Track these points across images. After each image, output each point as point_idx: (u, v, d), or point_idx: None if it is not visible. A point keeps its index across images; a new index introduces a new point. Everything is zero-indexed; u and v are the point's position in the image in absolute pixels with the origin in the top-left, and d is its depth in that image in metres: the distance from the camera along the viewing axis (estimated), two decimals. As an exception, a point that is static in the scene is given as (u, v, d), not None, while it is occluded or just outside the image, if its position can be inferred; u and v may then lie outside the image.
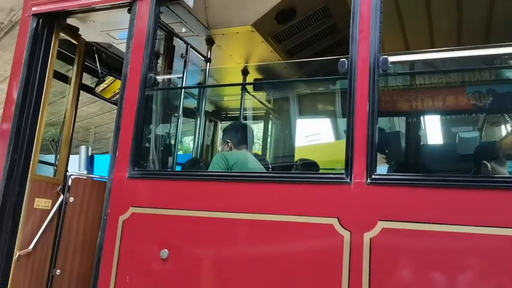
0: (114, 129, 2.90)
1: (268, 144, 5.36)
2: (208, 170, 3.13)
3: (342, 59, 2.47)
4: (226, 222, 2.51)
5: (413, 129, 4.09)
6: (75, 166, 8.55)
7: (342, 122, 5.22)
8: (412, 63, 4.31)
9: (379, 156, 2.94)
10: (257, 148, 6.35)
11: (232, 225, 2.50)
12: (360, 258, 2.18)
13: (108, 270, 2.67)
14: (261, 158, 3.87)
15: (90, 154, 10.17)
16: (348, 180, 2.30)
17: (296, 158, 4.95)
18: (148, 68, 2.89)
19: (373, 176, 2.27)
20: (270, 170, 3.89)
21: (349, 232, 2.25)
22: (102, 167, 8.88)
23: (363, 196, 2.28)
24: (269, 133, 5.38)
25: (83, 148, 9.95)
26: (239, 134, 3.35)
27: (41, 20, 3.36)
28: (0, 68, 9.55)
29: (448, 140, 4.38)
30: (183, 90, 3.75)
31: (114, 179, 2.80)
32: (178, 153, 4.01)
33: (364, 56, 2.42)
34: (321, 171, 4.33)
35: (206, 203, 2.58)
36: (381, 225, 2.22)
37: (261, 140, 5.74)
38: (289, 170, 4.42)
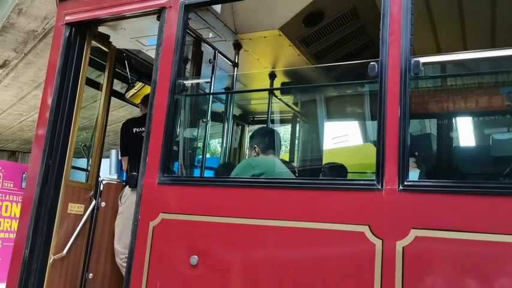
0: (145, 136, 2.93)
1: (296, 147, 5.34)
2: (232, 175, 3.13)
3: (372, 62, 2.43)
4: (256, 229, 2.50)
5: (445, 131, 4.00)
6: (106, 170, 8.75)
7: (371, 125, 5.15)
8: (443, 65, 4.23)
9: (410, 160, 2.87)
10: (284, 151, 6.33)
11: (262, 232, 2.49)
12: (393, 267, 2.14)
13: (139, 276, 2.70)
14: (288, 164, 3.84)
15: (120, 158, 10.33)
16: (379, 186, 2.26)
17: (324, 161, 4.92)
18: (177, 75, 2.92)
19: (405, 183, 2.22)
20: (297, 174, 3.85)
21: (380, 240, 2.21)
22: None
23: (395, 203, 2.23)
24: (297, 136, 5.36)
25: (113, 152, 10.07)
26: (266, 139, 3.34)
27: (73, 29, 3.44)
28: (34, 74, 9.87)
29: (481, 142, 4.26)
30: (211, 96, 3.76)
31: (144, 185, 2.84)
32: (206, 156, 4.04)
33: (395, 59, 2.37)
34: (349, 175, 4.30)
35: (235, 209, 2.59)
36: (414, 233, 2.16)
37: (289, 143, 5.72)
38: (317, 173, 4.38)
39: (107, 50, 3.84)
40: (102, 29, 3.61)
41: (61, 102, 3.39)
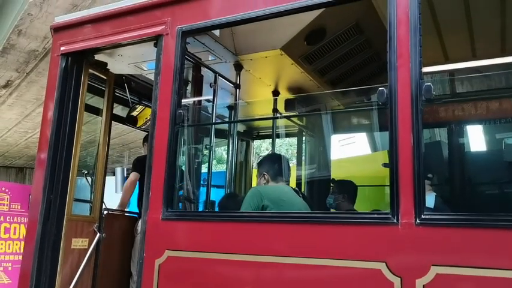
0: (146, 169, 2.83)
1: (303, 161, 5.22)
2: (242, 206, 3.01)
3: (380, 88, 2.31)
4: (267, 266, 2.39)
5: (456, 140, 3.84)
6: (112, 187, 8.69)
7: (378, 136, 5.02)
8: (452, 73, 4.11)
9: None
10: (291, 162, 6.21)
11: (273, 270, 2.37)
12: (413, 308, 2.01)
13: (146, 318, 2.60)
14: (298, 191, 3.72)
15: (125, 175, 10.28)
16: (395, 220, 2.13)
17: (333, 173, 4.80)
18: (177, 104, 2.81)
19: (422, 216, 2.09)
20: (307, 199, 3.71)
21: (399, 278, 2.08)
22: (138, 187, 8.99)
23: (413, 238, 2.10)
24: (303, 149, 5.25)
25: (118, 170, 10.09)
26: (275, 166, 3.23)
27: (70, 59, 3.36)
28: (37, 92, 9.86)
29: (499, 163, 4.08)
30: (213, 119, 3.66)
31: (148, 220, 2.73)
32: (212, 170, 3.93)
33: (405, 84, 2.24)
34: (360, 189, 4.18)
35: (244, 246, 2.47)
36: (434, 270, 2.03)
37: (295, 156, 5.61)
38: (326, 191, 4.25)
39: (104, 78, 3.75)
40: (98, 56, 3.52)
41: (60, 134, 3.30)
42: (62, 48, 3.33)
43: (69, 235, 3.23)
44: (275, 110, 4.30)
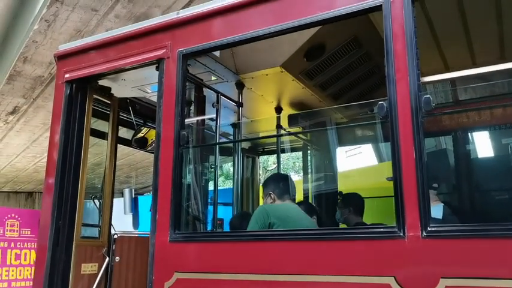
0: (152, 191, 2.85)
1: (309, 174, 5.22)
2: (249, 224, 3.02)
3: (380, 102, 2.33)
4: (277, 285, 2.38)
5: (465, 156, 3.83)
6: (120, 208, 8.75)
7: (383, 146, 5.02)
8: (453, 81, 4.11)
9: (431, 194, 2.73)
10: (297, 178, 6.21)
11: (282, 288, 2.37)
12: (424, 323, 1.99)
13: None
14: (305, 205, 3.71)
15: (133, 196, 10.33)
16: (401, 234, 2.13)
17: (339, 185, 4.79)
18: (181, 126, 2.84)
19: (428, 228, 2.09)
20: (315, 213, 3.71)
21: (408, 292, 2.07)
22: (147, 208, 9.04)
23: (420, 251, 2.10)
24: (308, 163, 5.25)
25: (126, 191, 10.14)
26: (281, 185, 3.24)
27: (74, 85, 3.41)
28: (44, 117, 9.97)
29: (506, 169, 4.06)
30: (217, 139, 3.69)
31: (156, 243, 2.74)
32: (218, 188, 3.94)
33: (404, 97, 2.26)
34: (366, 201, 4.16)
35: (251, 265, 2.47)
36: (443, 283, 2.02)
37: (302, 170, 5.62)
38: (333, 204, 4.24)
39: (109, 102, 3.80)
40: (102, 81, 3.58)
41: (67, 159, 3.34)
42: (66, 75, 3.39)
43: (78, 260, 3.25)
44: (279, 126, 4.33)
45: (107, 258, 3.43)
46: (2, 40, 8.21)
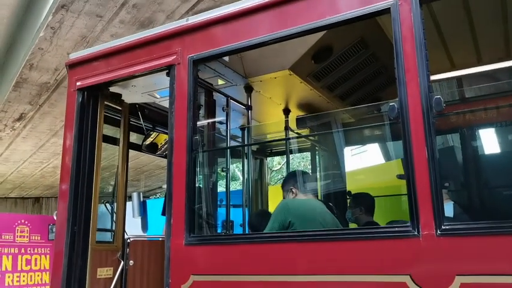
0: (167, 196, 2.90)
1: (317, 175, 5.25)
2: (270, 219, 3.07)
3: (391, 104, 2.36)
4: (293, 286, 2.42)
5: (474, 153, 3.86)
6: (129, 212, 8.79)
7: (391, 145, 5.05)
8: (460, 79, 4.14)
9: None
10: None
11: (298, 289, 2.41)
12: (441, 320, 2.03)
13: None
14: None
15: (142, 200, 10.38)
16: (416, 232, 2.17)
17: (348, 185, 4.82)
18: (193, 131, 2.88)
19: (442, 227, 2.12)
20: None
21: (424, 290, 2.11)
22: (155, 211, 9.09)
23: (434, 249, 2.13)
24: (317, 164, 5.29)
25: (135, 195, 10.20)
26: (302, 179, 3.27)
27: (85, 93, 3.46)
28: (51, 123, 10.04)
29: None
30: (228, 142, 3.73)
31: (171, 247, 2.79)
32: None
33: (415, 98, 2.29)
34: (377, 199, 4.19)
35: (266, 266, 2.51)
36: (459, 280, 2.06)
37: (310, 171, 5.64)
38: (343, 204, 4.28)
39: (120, 108, 3.85)
40: (113, 88, 3.62)
41: (80, 165, 3.39)
42: (78, 83, 3.44)
43: (94, 265, 3.30)
44: (287, 128, 4.36)
45: (122, 262, 3.47)
46: (8, 48, 8.28)
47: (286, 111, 4.29)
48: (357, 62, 3.75)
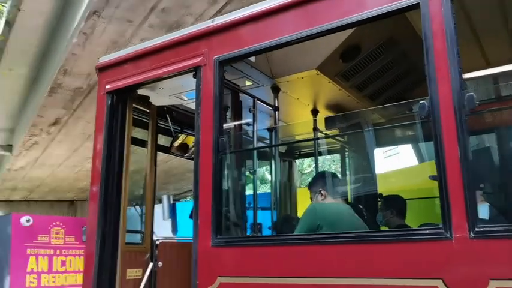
0: (193, 197, 2.90)
1: (347, 177, 5.17)
2: (299, 223, 3.03)
3: (421, 102, 2.29)
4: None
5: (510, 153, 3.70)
6: (159, 214, 8.94)
7: (424, 146, 4.91)
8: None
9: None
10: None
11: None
12: (476, 326, 1.94)
13: None
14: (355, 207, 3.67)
15: (172, 202, 10.51)
16: (448, 235, 2.09)
17: (379, 187, 4.71)
18: (219, 132, 2.88)
19: (476, 229, 2.03)
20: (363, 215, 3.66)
21: (458, 295, 2.02)
22: (184, 214, 9.19)
23: (468, 252, 2.04)
24: (346, 166, 5.20)
25: (165, 197, 10.33)
26: (331, 182, 3.22)
27: (114, 96, 3.51)
28: (84, 127, 10.31)
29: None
30: (255, 144, 3.71)
31: (198, 248, 2.79)
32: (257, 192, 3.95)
33: (446, 96, 2.21)
34: (408, 202, 4.09)
35: (295, 268, 2.47)
36: (493, 284, 1.96)
37: (339, 173, 5.56)
38: (373, 207, 4.18)
39: (148, 110, 3.90)
40: (141, 90, 3.67)
41: (110, 167, 3.44)
42: (107, 86, 3.50)
43: (124, 266, 3.34)
44: (315, 129, 4.31)
45: (151, 264, 3.50)
46: (43, 54, 8.55)
47: (315, 112, 4.25)
48: (386, 60, 3.67)
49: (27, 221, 7.24)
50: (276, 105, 3.85)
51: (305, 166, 16.83)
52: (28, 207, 17.09)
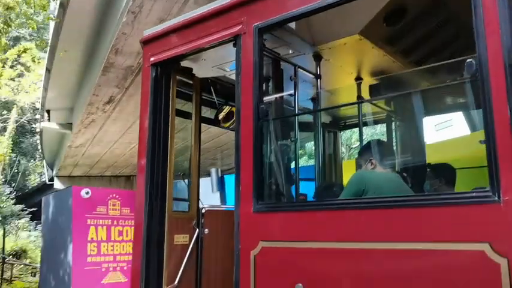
0: (235, 164, 2.94)
1: (394, 147, 5.02)
2: (344, 190, 3.01)
3: (468, 60, 2.17)
4: (364, 253, 2.36)
5: None
6: (208, 187, 9.14)
7: (475, 114, 4.66)
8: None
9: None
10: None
11: (370, 256, 2.34)
12: (525, 290, 1.86)
13: (246, 307, 2.70)
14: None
15: (220, 175, 10.71)
16: (496, 198, 1.99)
17: (428, 157, 4.55)
18: (259, 100, 2.88)
19: (526, 192, 1.93)
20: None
21: (505, 259, 1.94)
22: (233, 186, 9.32)
23: (517, 216, 1.95)
24: (393, 136, 5.04)
25: (213, 170, 10.55)
26: (382, 151, 3.14)
27: (159, 68, 3.59)
28: (136, 105, 10.53)
29: None
30: (296, 112, 3.68)
31: (240, 214, 2.84)
32: (301, 165, 3.92)
33: (496, 53, 2.08)
34: (459, 172, 3.92)
35: (338, 233, 2.47)
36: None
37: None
38: (422, 177, 4.04)
39: (191, 82, 3.96)
40: (184, 63, 3.72)
41: (156, 139, 3.54)
42: (151, 58, 3.58)
43: (171, 231, 3.47)
44: (359, 97, 4.20)
45: (197, 230, 3.62)
46: (95, 35, 8.87)
47: (359, 80, 4.13)
48: (433, 23, 3.49)
49: (87, 193, 7.65)
50: (318, 73, 3.78)
51: (353, 141, 16.54)
52: (88, 182, 18.06)
